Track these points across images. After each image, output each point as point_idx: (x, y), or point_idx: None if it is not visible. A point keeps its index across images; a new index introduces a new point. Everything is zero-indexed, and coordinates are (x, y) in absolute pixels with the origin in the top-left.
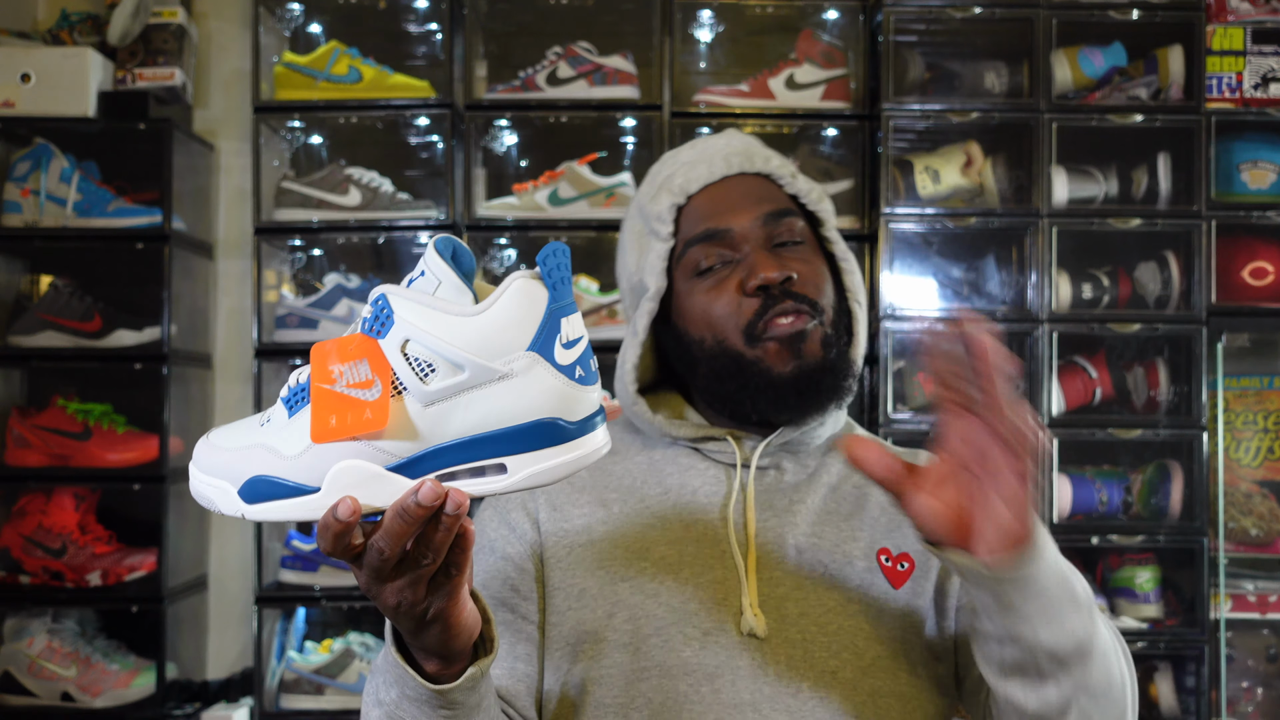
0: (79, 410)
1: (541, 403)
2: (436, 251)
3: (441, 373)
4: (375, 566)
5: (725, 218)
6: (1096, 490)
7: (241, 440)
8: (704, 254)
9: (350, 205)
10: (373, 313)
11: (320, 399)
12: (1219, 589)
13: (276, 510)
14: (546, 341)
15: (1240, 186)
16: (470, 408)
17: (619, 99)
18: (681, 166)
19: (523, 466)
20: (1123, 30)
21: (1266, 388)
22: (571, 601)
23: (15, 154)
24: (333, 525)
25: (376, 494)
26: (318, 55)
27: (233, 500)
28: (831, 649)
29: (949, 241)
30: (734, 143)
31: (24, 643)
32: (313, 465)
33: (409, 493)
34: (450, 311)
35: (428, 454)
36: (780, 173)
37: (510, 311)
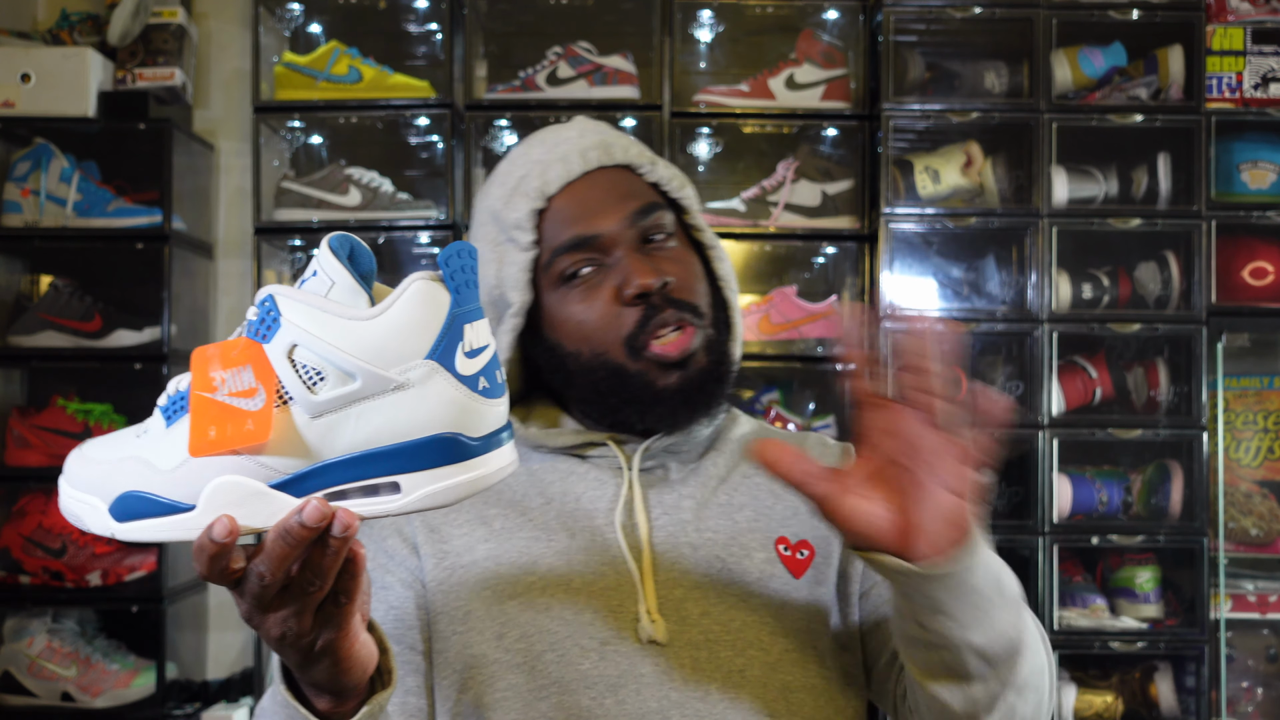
0: (79, 410)
1: (440, 416)
2: (331, 250)
3: (331, 381)
4: (256, 593)
5: (592, 221)
6: (1096, 490)
7: (115, 452)
8: (572, 261)
9: (350, 205)
10: (258, 315)
11: (199, 408)
12: (1219, 589)
13: (149, 530)
14: (447, 349)
15: (1240, 186)
16: (362, 420)
17: (619, 99)
18: (535, 166)
19: (418, 486)
20: (1123, 30)
21: (1266, 388)
22: (457, 626)
23: (15, 154)
24: (208, 547)
25: (257, 513)
26: (318, 55)
27: (102, 518)
28: (737, 647)
29: (949, 241)
30: (588, 135)
31: (24, 643)
32: (189, 481)
33: (292, 512)
34: (343, 315)
35: (315, 470)
36: (640, 161)
37: (408, 316)
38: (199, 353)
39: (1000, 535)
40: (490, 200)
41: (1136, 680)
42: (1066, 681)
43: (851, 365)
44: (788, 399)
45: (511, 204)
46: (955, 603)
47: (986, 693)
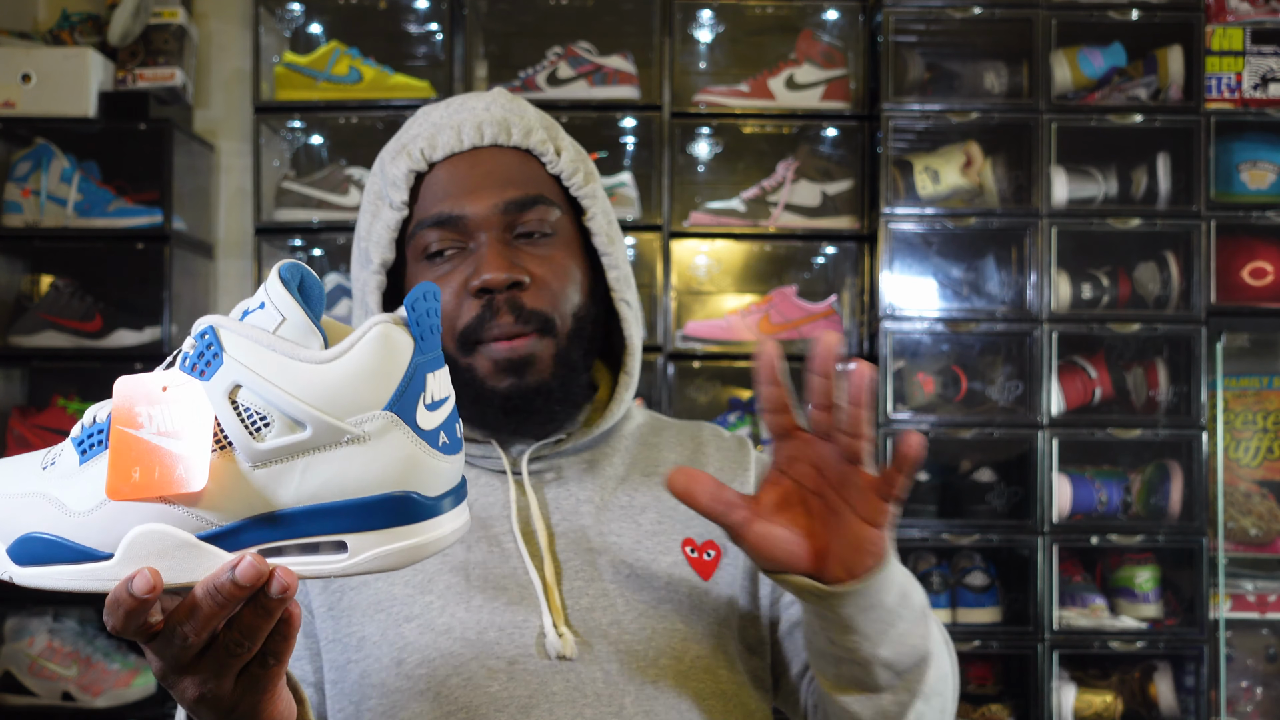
0: (79, 410)
1: (395, 473)
2: (281, 280)
3: (277, 428)
4: (175, 654)
5: (461, 201)
6: (1096, 490)
7: (17, 484)
8: (434, 238)
9: (350, 205)
10: (196, 348)
11: (122, 446)
12: (1218, 589)
13: (54, 576)
14: (408, 401)
15: (1240, 186)
16: (309, 472)
17: (619, 99)
18: (429, 128)
19: (366, 547)
20: (1122, 30)
21: (1266, 388)
22: (351, 654)
23: (16, 154)
24: (125, 602)
25: (183, 567)
26: (318, 55)
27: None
28: (649, 657)
29: (949, 241)
30: (494, 109)
31: (24, 642)
32: (105, 526)
33: (224, 568)
34: (294, 356)
35: (251, 522)
36: (542, 149)
37: (368, 362)
38: (124, 383)
39: (1000, 535)
40: (385, 150)
41: (1136, 680)
42: (1066, 681)
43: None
44: None
45: (396, 161)
46: (865, 620)
47: (895, 703)
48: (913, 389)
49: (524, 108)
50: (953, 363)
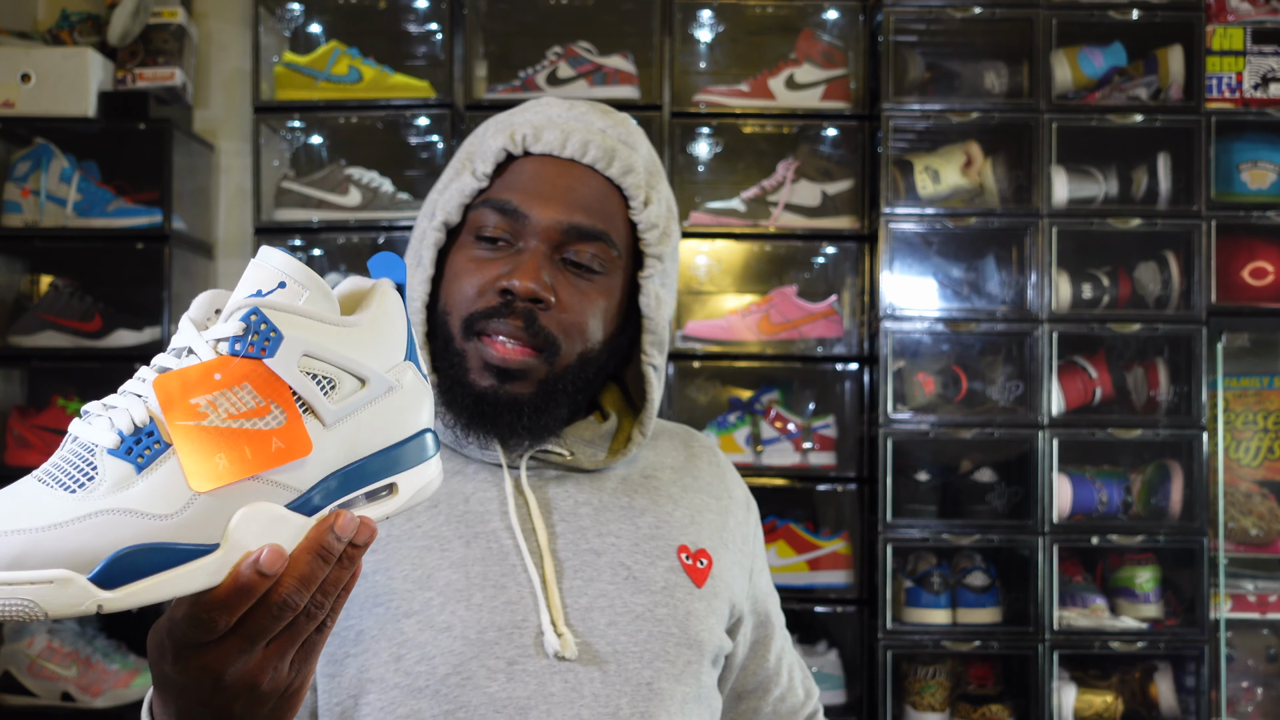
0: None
1: (422, 415)
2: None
3: (344, 388)
4: (265, 629)
5: (533, 201)
6: (1096, 490)
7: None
8: (492, 221)
9: (350, 205)
10: (245, 330)
11: (193, 440)
12: (1219, 589)
13: (160, 587)
14: (412, 348)
15: (1240, 186)
16: (367, 425)
17: (619, 99)
18: (542, 119)
19: (410, 484)
20: (1123, 30)
21: (1266, 388)
22: (349, 647)
23: (15, 154)
24: (253, 583)
25: (285, 538)
26: (318, 55)
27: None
28: (644, 659)
29: (949, 241)
30: (609, 134)
31: (24, 642)
32: (203, 520)
33: (322, 527)
34: (333, 322)
35: (325, 483)
36: (633, 191)
37: (386, 319)
38: (159, 384)
39: (1000, 535)
40: (494, 118)
41: (1136, 680)
42: (1066, 681)
43: None
44: (787, 399)
45: (496, 135)
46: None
47: None
48: (913, 389)
49: (638, 145)
50: (953, 363)
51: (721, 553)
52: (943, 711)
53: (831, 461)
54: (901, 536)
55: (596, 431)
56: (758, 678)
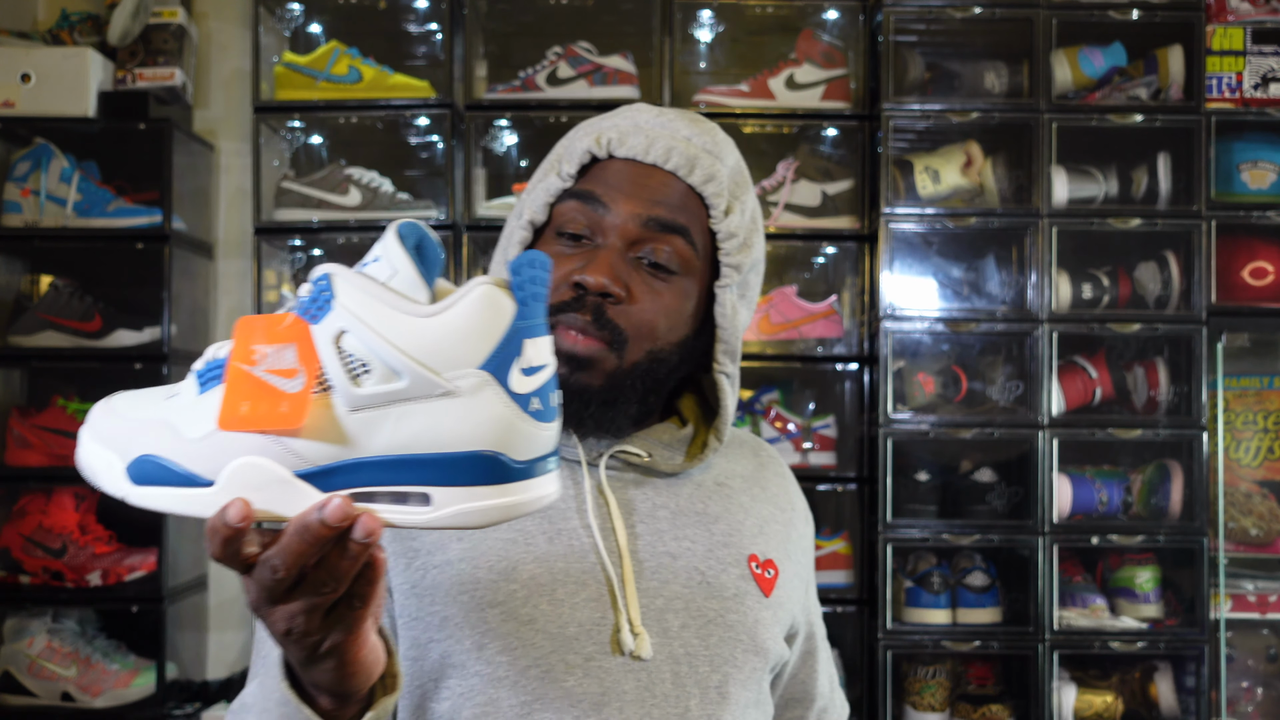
0: (79, 410)
1: (485, 432)
2: (398, 236)
3: (376, 375)
4: (267, 585)
5: (614, 195)
6: (1096, 490)
7: (142, 410)
8: (573, 215)
9: (350, 205)
10: (312, 292)
11: (235, 380)
12: (1219, 589)
13: (162, 498)
14: (503, 362)
15: (1240, 186)
16: (402, 422)
17: (619, 99)
18: (630, 125)
19: (450, 502)
20: (1123, 30)
21: (1266, 388)
22: (433, 632)
23: (15, 154)
24: (220, 530)
25: (278, 501)
26: (318, 55)
27: (117, 477)
28: (714, 663)
29: (949, 241)
30: (694, 142)
31: (24, 643)
32: (212, 455)
33: (313, 508)
34: (400, 308)
35: (345, 465)
36: (714, 200)
37: (468, 320)
38: (244, 322)
39: (1000, 535)
40: (584, 122)
41: (1136, 680)
42: (1066, 681)
43: None
44: (787, 399)
45: (583, 138)
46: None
47: None
48: (913, 389)
49: (724, 155)
50: (953, 363)
51: (786, 564)
52: (943, 711)
53: (831, 461)
54: (901, 536)
55: (675, 436)
56: (805, 688)
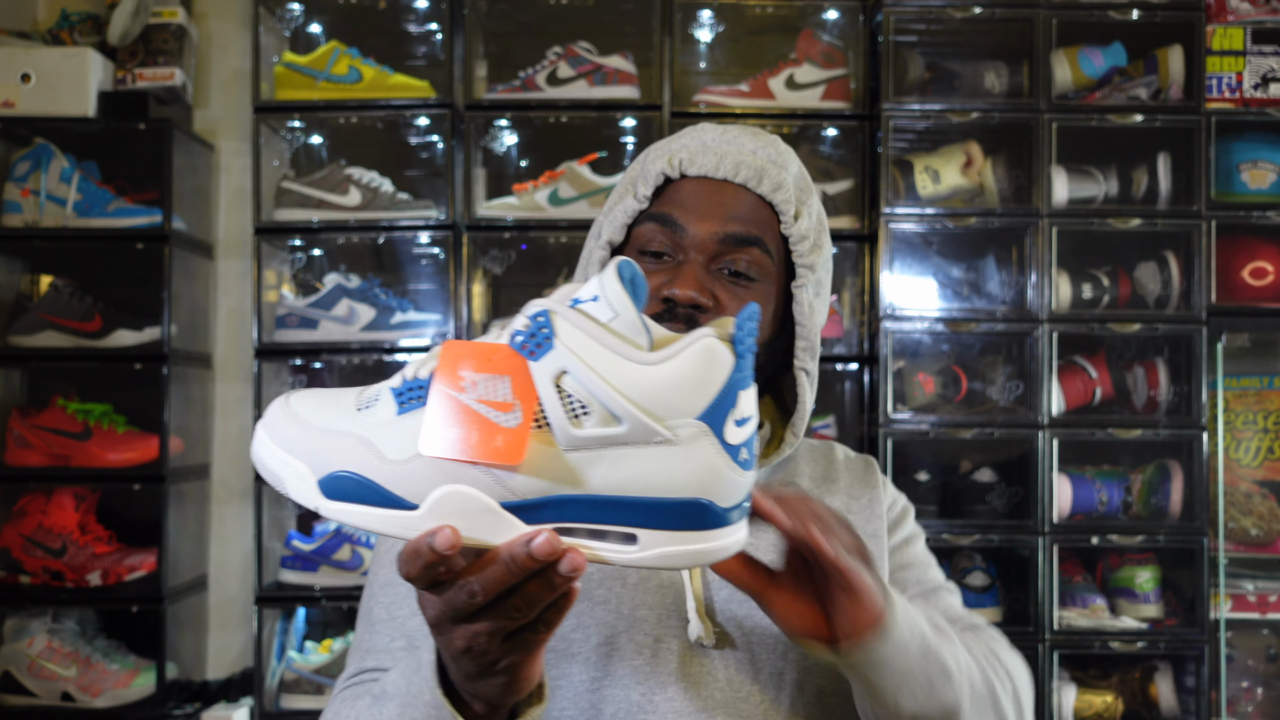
0: (79, 410)
1: (697, 480)
2: (619, 277)
3: (595, 418)
4: (457, 606)
5: (690, 215)
6: (1096, 490)
7: (333, 421)
8: (652, 235)
9: (350, 205)
10: (530, 328)
11: (442, 406)
12: (1219, 589)
13: (360, 516)
14: (719, 414)
15: (1240, 186)
16: (617, 465)
17: (619, 99)
18: (698, 144)
19: (657, 544)
20: (1123, 30)
21: (1266, 388)
22: None
23: (15, 154)
24: (425, 554)
25: (483, 529)
26: (318, 55)
27: (308, 489)
28: (777, 651)
29: (949, 241)
30: (760, 154)
31: (24, 643)
32: (416, 479)
33: (521, 540)
34: (623, 354)
35: (553, 501)
36: (784, 207)
37: (690, 371)
38: (450, 346)
39: (1000, 535)
40: (654, 144)
41: (1136, 680)
42: (1066, 681)
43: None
44: None
45: (656, 160)
46: (882, 679)
47: None
48: (913, 389)
49: (788, 164)
50: (953, 363)
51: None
52: None
53: None
54: None
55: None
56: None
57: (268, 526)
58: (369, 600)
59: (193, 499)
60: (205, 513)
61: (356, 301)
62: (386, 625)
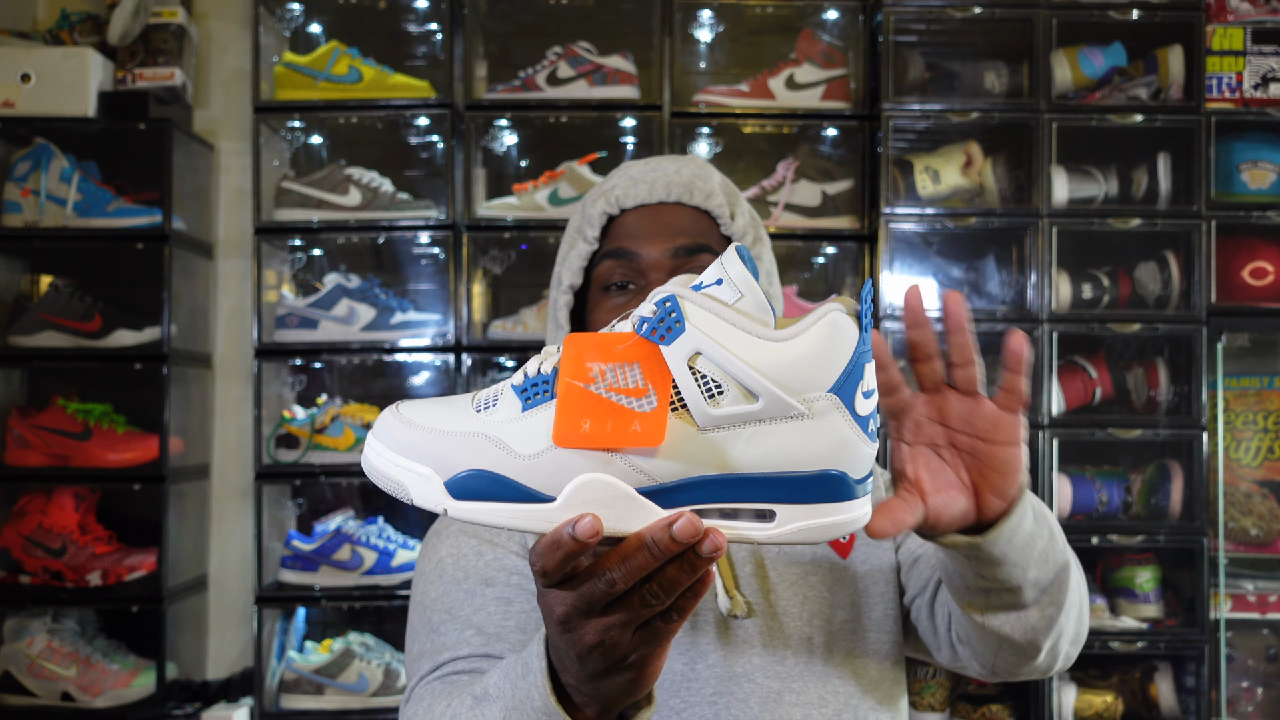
0: (79, 410)
1: (832, 453)
2: (741, 259)
3: (731, 397)
4: (594, 597)
5: (639, 242)
6: (1096, 490)
7: (454, 423)
8: (611, 270)
9: (350, 205)
10: (657, 314)
11: (571, 398)
12: (1219, 589)
13: (494, 513)
14: (849, 386)
15: (1240, 186)
16: (753, 442)
17: (619, 99)
18: (627, 180)
19: (795, 518)
20: (1123, 30)
21: (1266, 388)
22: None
23: (15, 154)
24: (565, 544)
25: (621, 516)
26: (318, 55)
27: (434, 491)
28: (803, 617)
29: (949, 241)
30: (683, 171)
31: (24, 643)
32: (550, 471)
33: (662, 523)
34: (753, 332)
35: (690, 483)
36: (719, 212)
37: (820, 345)
38: (573, 339)
39: None
40: (589, 192)
41: (1136, 680)
42: (1066, 681)
43: (917, 342)
44: None
45: (595, 203)
46: (1012, 549)
47: (1041, 616)
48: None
49: (710, 175)
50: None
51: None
52: (943, 711)
53: None
54: None
55: None
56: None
57: (268, 526)
58: (423, 614)
59: (193, 499)
60: (205, 513)
61: (356, 301)
62: (451, 624)
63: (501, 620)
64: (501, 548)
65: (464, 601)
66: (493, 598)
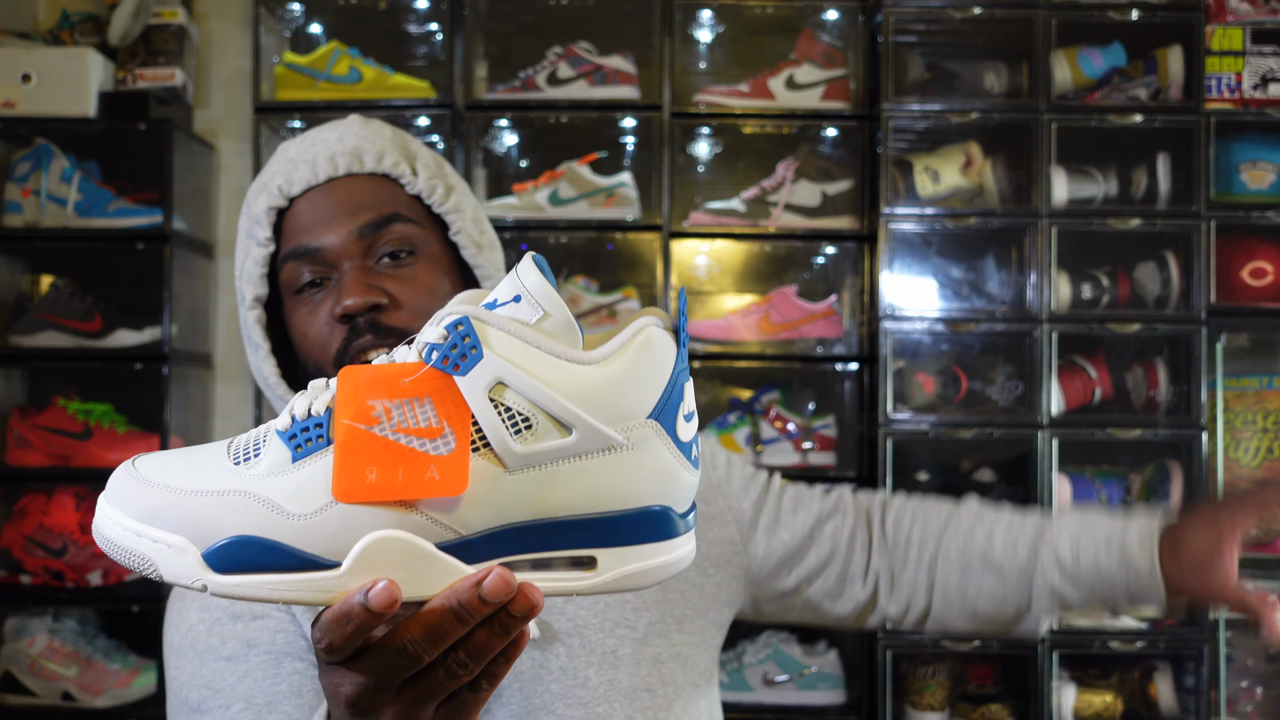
0: (79, 410)
1: (654, 487)
2: (538, 268)
3: (540, 431)
4: (392, 674)
5: (319, 232)
6: (1096, 490)
7: (207, 481)
8: (297, 272)
9: None
10: (448, 340)
11: (353, 444)
12: None
13: (264, 586)
14: (670, 410)
15: (1240, 186)
16: (567, 481)
17: (619, 99)
18: (286, 164)
19: (618, 563)
20: (1122, 30)
21: (1266, 388)
22: None
23: (16, 154)
24: (357, 615)
25: (422, 578)
26: (318, 55)
27: (189, 565)
28: (605, 629)
29: (949, 241)
30: (346, 138)
31: (25, 642)
32: (332, 531)
33: (468, 582)
34: (561, 355)
35: (497, 533)
36: (397, 171)
37: (637, 366)
38: (348, 373)
39: None
40: (250, 188)
41: (1136, 680)
42: (1066, 681)
43: None
44: (787, 399)
45: (257, 199)
46: None
47: None
48: (913, 389)
49: (379, 132)
50: (953, 363)
51: None
52: (943, 711)
53: (831, 461)
54: None
55: None
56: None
57: None
58: (179, 694)
59: None
60: None
61: None
62: (213, 699)
63: (272, 686)
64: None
65: (225, 671)
66: (259, 661)
